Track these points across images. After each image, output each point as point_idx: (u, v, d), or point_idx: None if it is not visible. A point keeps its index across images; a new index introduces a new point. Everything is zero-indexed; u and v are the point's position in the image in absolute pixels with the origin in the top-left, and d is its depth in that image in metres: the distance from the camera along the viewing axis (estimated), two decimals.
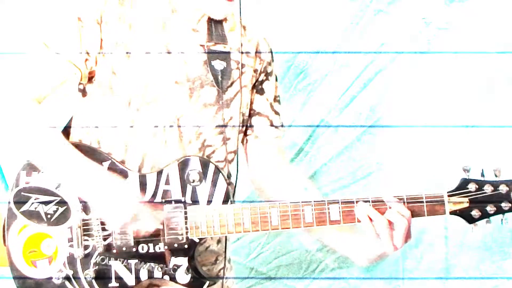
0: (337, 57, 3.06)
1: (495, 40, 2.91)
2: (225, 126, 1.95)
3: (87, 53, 1.83)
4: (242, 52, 1.98)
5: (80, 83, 1.89)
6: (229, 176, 2.00)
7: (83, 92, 1.91)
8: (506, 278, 2.97)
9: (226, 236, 1.96)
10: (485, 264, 3.01)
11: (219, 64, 1.93)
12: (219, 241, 2.02)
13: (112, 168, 1.84)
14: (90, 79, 1.89)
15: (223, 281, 2.00)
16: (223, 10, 1.92)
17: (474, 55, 2.89)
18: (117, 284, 1.82)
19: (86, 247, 1.83)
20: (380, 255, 1.84)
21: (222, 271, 2.03)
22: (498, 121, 2.90)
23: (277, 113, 2.10)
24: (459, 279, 3.02)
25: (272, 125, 2.08)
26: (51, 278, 1.83)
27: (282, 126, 2.11)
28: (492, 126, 2.88)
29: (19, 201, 1.84)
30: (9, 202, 1.85)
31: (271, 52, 2.11)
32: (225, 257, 2.03)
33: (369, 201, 1.80)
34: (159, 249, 1.83)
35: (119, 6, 1.86)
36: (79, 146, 1.85)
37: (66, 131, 1.95)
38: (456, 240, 3.02)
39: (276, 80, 2.13)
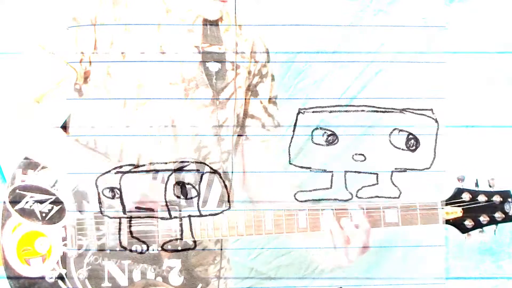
0: (337, 57, 3.06)
1: (495, 40, 2.90)
2: (221, 126, 1.95)
3: (82, 53, 1.84)
4: (236, 53, 1.98)
5: (76, 83, 1.90)
6: (224, 178, 2.00)
7: (79, 92, 1.92)
8: (506, 278, 2.96)
9: None
10: (485, 264, 3.01)
11: (213, 66, 1.93)
12: (217, 241, 2.01)
13: None
14: (86, 79, 1.89)
15: (218, 282, 2.00)
16: (217, 10, 1.92)
17: (474, 55, 2.88)
18: (110, 284, 1.82)
19: (79, 247, 1.83)
20: (336, 265, 1.84)
21: (220, 271, 2.03)
22: (498, 121, 2.89)
23: (270, 115, 2.09)
24: (459, 279, 3.01)
25: (264, 127, 2.08)
26: (44, 276, 1.84)
27: (277, 126, 2.11)
28: (492, 126, 2.87)
29: (14, 199, 1.85)
30: (4, 202, 1.86)
31: (267, 52, 2.10)
32: (221, 257, 2.03)
33: (332, 210, 1.81)
34: (153, 250, 1.84)
35: (113, 7, 1.87)
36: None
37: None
38: (456, 240, 3.01)
39: (273, 80, 2.12)
